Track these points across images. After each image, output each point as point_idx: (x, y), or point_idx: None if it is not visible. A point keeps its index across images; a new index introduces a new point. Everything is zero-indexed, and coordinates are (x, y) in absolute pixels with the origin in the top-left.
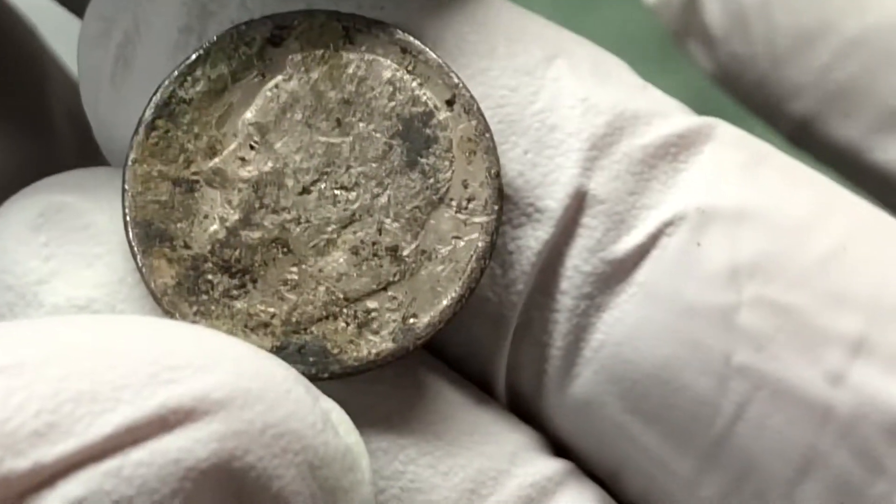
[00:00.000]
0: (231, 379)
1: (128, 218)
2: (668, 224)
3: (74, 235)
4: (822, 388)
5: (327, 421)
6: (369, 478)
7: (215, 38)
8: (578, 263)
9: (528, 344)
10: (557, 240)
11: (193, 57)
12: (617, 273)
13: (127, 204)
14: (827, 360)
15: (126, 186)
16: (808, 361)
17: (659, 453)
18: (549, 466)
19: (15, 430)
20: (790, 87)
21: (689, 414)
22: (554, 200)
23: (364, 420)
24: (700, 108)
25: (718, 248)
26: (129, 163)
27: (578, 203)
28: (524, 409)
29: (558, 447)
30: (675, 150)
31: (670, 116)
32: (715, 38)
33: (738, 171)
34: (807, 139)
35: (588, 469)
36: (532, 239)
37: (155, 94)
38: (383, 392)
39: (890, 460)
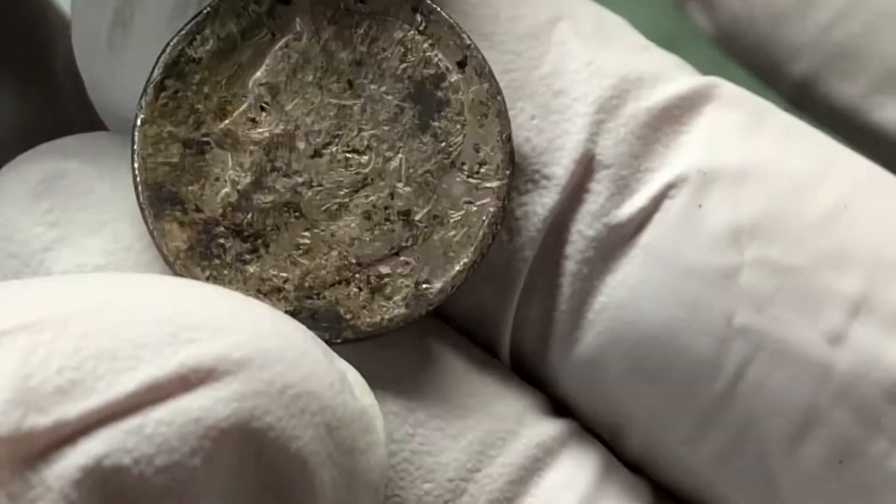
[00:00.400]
0: (250, 339)
1: (138, 180)
2: (671, 186)
3: (78, 202)
4: (822, 347)
5: (344, 381)
6: (384, 439)
7: None
8: (582, 228)
9: (533, 307)
10: (563, 205)
11: (202, 14)
12: (620, 237)
13: (137, 166)
14: (827, 319)
15: (135, 148)
16: (809, 321)
17: (660, 412)
18: (553, 426)
19: (37, 386)
20: (789, 48)
21: (691, 374)
22: (560, 167)
23: (374, 384)
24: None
25: (720, 209)
26: (138, 123)
27: (584, 168)
28: (527, 370)
29: (559, 407)
30: (677, 112)
31: (673, 78)
32: (714, 1)
33: (739, 131)
34: (807, 100)
35: (589, 427)
36: (539, 205)
37: (163, 52)
38: (392, 357)
39: (888, 419)
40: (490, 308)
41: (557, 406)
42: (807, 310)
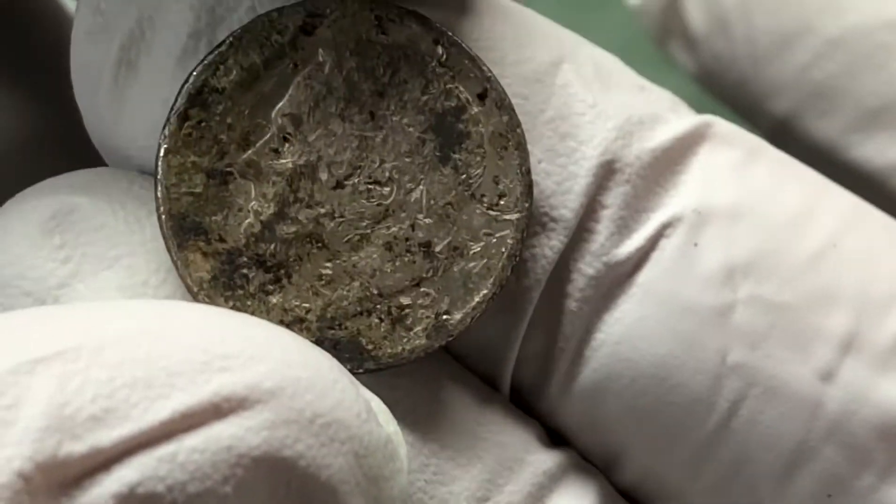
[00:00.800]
0: (281, 368)
1: (161, 210)
2: (667, 226)
3: (90, 237)
4: (814, 384)
5: (370, 410)
6: (407, 466)
7: (247, 25)
8: (583, 267)
9: (535, 343)
10: (568, 246)
11: (225, 44)
12: (619, 275)
13: (160, 196)
14: (818, 357)
15: (159, 178)
16: (801, 358)
17: (656, 445)
18: (556, 455)
19: (73, 414)
20: (770, 87)
21: (686, 410)
22: (568, 210)
23: (393, 414)
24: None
25: (714, 248)
26: (162, 153)
27: (589, 210)
28: (525, 403)
29: (556, 438)
30: (674, 153)
31: (670, 119)
32: (696, 38)
33: (733, 169)
34: (786, 137)
35: (587, 457)
36: (546, 248)
37: (186, 82)
38: (406, 386)
39: (877, 454)
40: (494, 344)
41: (554, 437)
42: (799, 347)
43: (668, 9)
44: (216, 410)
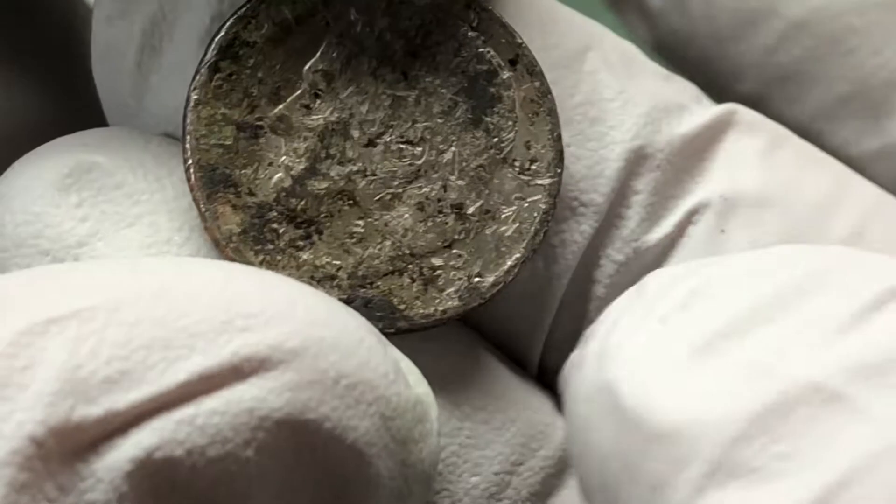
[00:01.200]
0: (304, 328)
1: (190, 161)
2: (694, 213)
3: (109, 194)
4: None
5: (398, 371)
6: (437, 429)
7: None
8: (612, 253)
9: (563, 328)
10: (599, 231)
11: None
12: (647, 262)
13: (189, 146)
14: None
15: (189, 128)
16: None
17: None
18: None
19: (87, 376)
20: (733, 68)
21: None
22: (599, 194)
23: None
24: None
25: (741, 234)
26: (192, 104)
27: (621, 195)
28: (551, 386)
29: None
30: (701, 140)
31: (694, 108)
32: (653, 11)
33: (758, 156)
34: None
35: None
36: (577, 233)
37: (217, 34)
38: (436, 350)
39: None
40: (523, 327)
41: None
42: None
43: None
44: (237, 372)
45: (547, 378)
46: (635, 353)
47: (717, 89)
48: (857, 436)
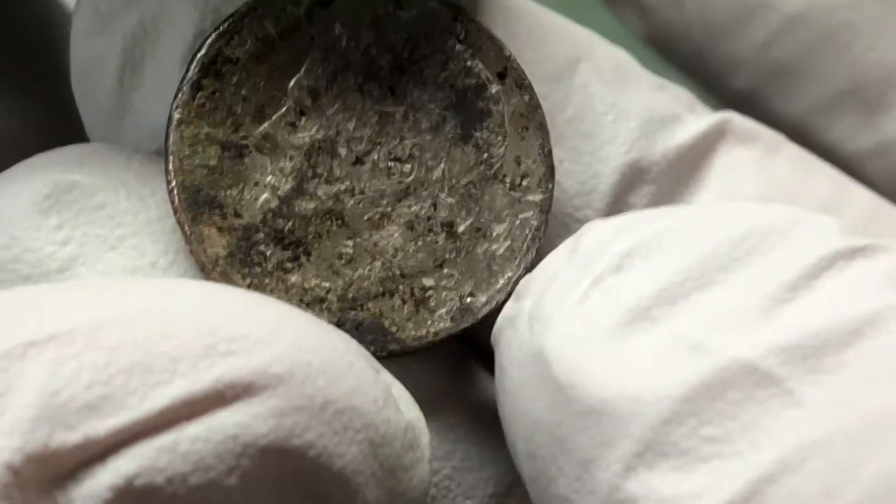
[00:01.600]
0: (291, 351)
1: (173, 183)
2: None
3: (91, 216)
4: None
5: (388, 396)
6: (428, 455)
7: None
8: None
9: None
10: None
11: (238, 13)
12: None
13: (172, 168)
14: None
15: (172, 148)
16: None
17: None
18: None
19: (66, 402)
20: (727, 63)
21: None
22: (594, 210)
23: (415, 399)
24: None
25: None
26: (174, 124)
27: (616, 210)
28: None
29: None
30: (695, 152)
31: (688, 118)
32: (646, 5)
33: (753, 165)
34: (751, 113)
35: None
36: None
37: (199, 50)
38: (428, 371)
39: None
40: None
41: None
42: None
43: None
44: (220, 397)
45: None
46: (567, 319)
47: (712, 84)
48: (788, 424)
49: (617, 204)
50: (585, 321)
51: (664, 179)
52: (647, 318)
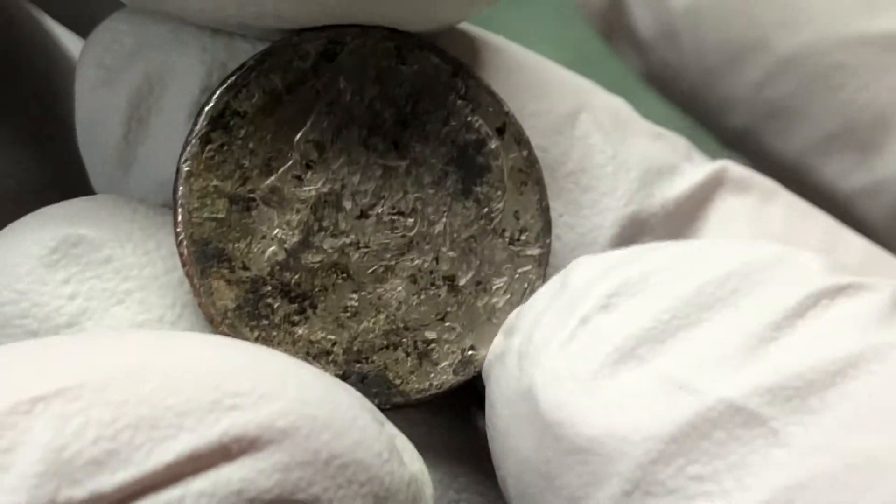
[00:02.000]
0: (296, 406)
1: (182, 235)
2: None
3: (97, 270)
4: None
5: (392, 449)
6: None
7: (268, 48)
8: None
9: None
10: None
11: (246, 67)
12: None
13: (181, 220)
14: None
15: (181, 201)
16: None
17: None
18: None
19: (72, 457)
20: (723, 102)
21: None
22: None
23: (418, 450)
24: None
25: None
26: (183, 177)
27: None
28: None
29: None
30: (692, 202)
31: (685, 168)
32: (643, 43)
33: (748, 214)
34: (747, 151)
35: None
36: None
37: (207, 104)
38: (431, 421)
39: None
40: None
41: None
42: None
43: (612, 8)
44: (225, 452)
45: None
46: (555, 358)
47: (709, 122)
48: (774, 464)
49: None
50: (573, 360)
51: (662, 230)
52: (634, 357)
